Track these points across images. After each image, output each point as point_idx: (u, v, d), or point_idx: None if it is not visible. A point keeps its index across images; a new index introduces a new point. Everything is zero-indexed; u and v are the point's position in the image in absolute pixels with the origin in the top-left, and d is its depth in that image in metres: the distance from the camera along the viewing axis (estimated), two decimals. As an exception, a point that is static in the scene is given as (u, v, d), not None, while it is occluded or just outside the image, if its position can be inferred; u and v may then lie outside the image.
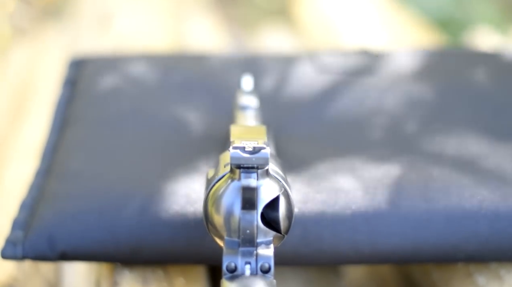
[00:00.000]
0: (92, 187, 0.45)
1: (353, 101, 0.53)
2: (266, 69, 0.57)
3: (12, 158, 0.69)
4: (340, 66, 0.58)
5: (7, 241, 0.43)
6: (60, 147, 0.50)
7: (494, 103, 0.53)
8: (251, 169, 0.35)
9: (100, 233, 0.42)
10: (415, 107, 0.52)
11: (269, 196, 0.36)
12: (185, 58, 0.60)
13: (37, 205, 0.45)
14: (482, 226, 0.43)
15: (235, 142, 0.36)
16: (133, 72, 0.57)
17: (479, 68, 0.58)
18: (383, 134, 0.50)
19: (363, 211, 0.43)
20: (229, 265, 0.35)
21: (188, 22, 0.98)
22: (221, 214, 0.36)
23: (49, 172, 0.48)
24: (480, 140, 0.48)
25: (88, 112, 0.53)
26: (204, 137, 0.49)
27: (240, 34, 0.99)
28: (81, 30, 0.94)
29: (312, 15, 1.00)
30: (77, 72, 0.59)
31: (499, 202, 0.43)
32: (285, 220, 0.36)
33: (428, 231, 0.43)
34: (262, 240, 0.36)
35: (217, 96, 0.53)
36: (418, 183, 0.44)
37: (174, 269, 0.44)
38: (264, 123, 0.44)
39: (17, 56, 0.91)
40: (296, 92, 0.54)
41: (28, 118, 0.75)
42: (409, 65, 0.58)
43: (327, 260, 0.43)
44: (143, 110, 0.52)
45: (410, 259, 0.43)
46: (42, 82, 0.81)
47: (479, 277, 0.44)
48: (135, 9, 0.96)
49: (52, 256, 0.43)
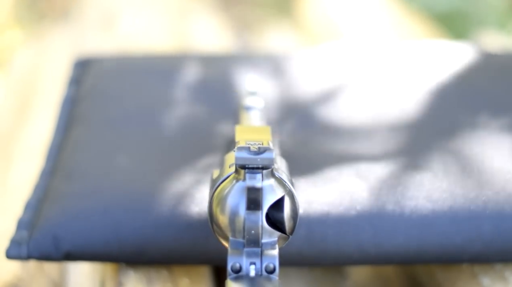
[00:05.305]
0: (96, 187, 0.45)
1: (358, 102, 0.53)
2: (270, 69, 0.57)
3: (17, 157, 0.69)
4: (344, 65, 0.58)
5: (12, 241, 0.43)
6: (65, 147, 0.50)
7: (499, 103, 0.53)
8: (256, 170, 0.35)
9: (104, 233, 0.42)
10: (420, 108, 0.52)
11: (274, 197, 0.36)
12: (189, 59, 0.60)
13: (41, 205, 0.45)
14: (487, 227, 0.43)
15: (240, 143, 0.36)
16: (137, 72, 0.58)
17: (485, 68, 0.58)
18: (388, 135, 0.50)
19: (368, 211, 0.43)
20: (234, 266, 0.35)
21: (192, 22, 0.98)
22: (226, 215, 0.36)
23: (54, 172, 0.48)
24: (484, 141, 0.48)
25: (93, 112, 0.53)
26: (209, 138, 0.49)
27: (244, 34, 0.99)
28: (86, 31, 0.94)
29: (316, 14, 1.00)
30: (82, 72, 0.59)
31: (504, 203, 0.43)
32: (290, 220, 0.36)
33: (433, 231, 0.43)
34: (267, 241, 0.36)
35: (222, 97, 0.53)
36: (423, 183, 0.44)
37: (179, 269, 0.44)
38: (268, 123, 0.44)
39: (22, 56, 0.91)
40: (302, 92, 0.54)
41: (33, 118, 0.75)
42: (413, 64, 0.58)
43: (332, 260, 0.43)
44: (147, 110, 0.52)
45: (415, 259, 0.43)
46: (47, 83, 0.82)
47: (484, 278, 0.44)
48: (140, 10, 0.97)
49: (57, 256, 0.43)
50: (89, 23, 0.96)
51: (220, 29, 0.98)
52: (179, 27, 0.95)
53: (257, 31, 1.01)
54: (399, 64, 0.58)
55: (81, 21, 0.98)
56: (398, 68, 0.57)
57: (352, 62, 0.58)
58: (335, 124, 0.51)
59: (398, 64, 0.58)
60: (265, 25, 1.03)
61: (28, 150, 0.69)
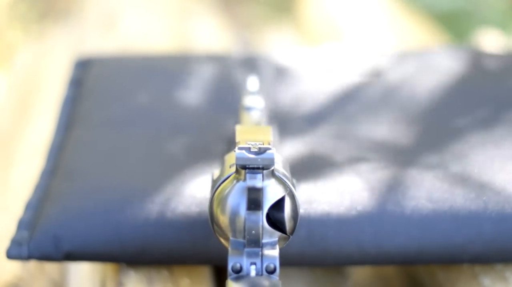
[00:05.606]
0: (97, 187, 0.45)
1: (359, 102, 0.53)
2: (271, 69, 0.57)
3: (18, 157, 0.69)
4: (347, 65, 0.58)
5: (13, 241, 0.43)
6: (65, 147, 0.50)
7: (500, 104, 0.53)
8: (256, 170, 0.35)
9: (105, 233, 0.42)
10: (420, 109, 0.52)
11: (275, 197, 0.36)
12: (190, 59, 0.60)
13: (42, 205, 0.45)
14: (488, 227, 0.43)
15: (240, 143, 0.36)
16: (138, 72, 0.58)
17: (486, 70, 0.58)
18: (389, 135, 0.50)
19: (368, 211, 0.43)
20: (234, 266, 0.35)
21: (193, 22, 0.98)
22: (226, 215, 0.36)
23: (55, 172, 0.48)
24: (485, 141, 0.48)
25: (93, 112, 0.53)
26: (209, 138, 0.49)
27: (245, 35, 0.99)
28: (87, 31, 0.94)
29: (317, 15, 1.00)
30: (82, 72, 0.59)
31: (504, 203, 0.43)
32: (290, 220, 0.36)
33: (434, 232, 0.42)
34: (268, 241, 0.36)
35: (222, 97, 0.53)
36: (424, 183, 0.44)
37: (179, 269, 0.44)
38: (269, 123, 0.44)
39: (23, 56, 0.91)
40: (302, 92, 0.54)
41: (33, 118, 0.75)
42: (416, 66, 0.58)
43: (332, 260, 0.43)
44: (148, 110, 0.52)
45: (415, 260, 0.43)
46: (48, 82, 0.82)
47: (485, 278, 0.44)
48: (141, 10, 0.97)
49: (57, 256, 0.43)
50: (90, 23, 0.96)
51: (220, 29, 0.98)
52: (180, 27, 0.95)
53: (258, 31, 1.01)
54: (400, 66, 0.58)
55: (82, 21, 0.98)
56: (398, 69, 0.57)
57: (353, 63, 0.58)
58: (336, 124, 0.51)
59: (398, 65, 0.58)
60: (266, 25, 1.03)
61: (28, 150, 0.69)
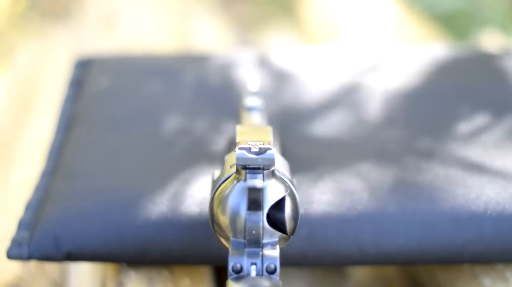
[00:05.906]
0: (97, 187, 0.45)
1: (359, 102, 0.53)
2: (272, 70, 0.57)
3: (18, 158, 0.69)
4: (347, 65, 0.58)
5: (13, 241, 0.43)
6: (65, 147, 0.50)
7: (500, 104, 0.53)
8: (257, 170, 0.35)
9: (105, 234, 0.42)
10: (421, 109, 0.52)
11: (275, 197, 0.36)
12: (190, 59, 0.60)
13: (42, 205, 0.45)
14: (488, 227, 0.43)
15: (241, 143, 0.36)
16: (138, 72, 0.58)
17: (485, 69, 0.58)
18: (389, 136, 0.50)
19: (369, 211, 0.43)
20: (235, 266, 0.35)
21: (193, 23, 0.98)
22: (227, 215, 0.36)
23: (55, 172, 0.48)
24: (485, 142, 0.48)
25: (93, 112, 0.53)
26: (209, 138, 0.49)
27: (245, 34, 0.99)
28: (87, 31, 0.94)
29: (317, 15, 1.00)
30: (82, 72, 0.59)
31: (505, 203, 0.43)
32: (291, 220, 0.36)
33: (434, 232, 0.42)
34: (268, 241, 0.36)
35: (223, 97, 0.53)
36: (424, 184, 0.44)
37: (180, 269, 0.44)
38: (270, 124, 0.44)
39: (23, 56, 0.91)
40: (302, 92, 0.54)
41: (33, 118, 0.75)
42: (415, 65, 0.58)
43: (333, 261, 0.43)
44: (148, 111, 0.52)
45: (416, 260, 0.43)
46: (48, 83, 0.82)
47: (485, 278, 0.44)
48: (141, 10, 0.97)
49: (58, 256, 0.43)
50: (90, 23, 0.96)
51: (220, 29, 0.98)
52: (180, 27, 0.95)
53: (258, 31, 1.01)
54: (399, 66, 0.58)
55: (82, 21, 0.98)
56: (398, 70, 0.57)
57: (353, 63, 0.58)
58: (336, 124, 0.51)
59: (398, 66, 0.58)
60: (266, 25, 1.03)
61: (29, 150, 0.69)
